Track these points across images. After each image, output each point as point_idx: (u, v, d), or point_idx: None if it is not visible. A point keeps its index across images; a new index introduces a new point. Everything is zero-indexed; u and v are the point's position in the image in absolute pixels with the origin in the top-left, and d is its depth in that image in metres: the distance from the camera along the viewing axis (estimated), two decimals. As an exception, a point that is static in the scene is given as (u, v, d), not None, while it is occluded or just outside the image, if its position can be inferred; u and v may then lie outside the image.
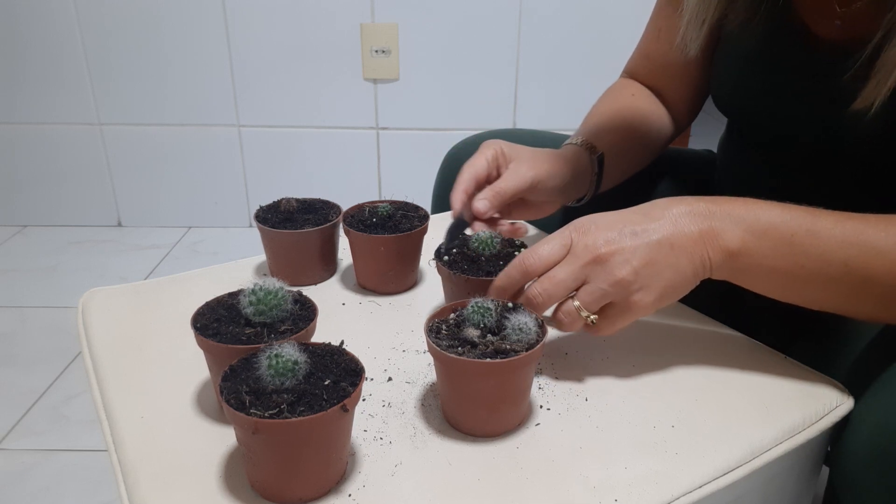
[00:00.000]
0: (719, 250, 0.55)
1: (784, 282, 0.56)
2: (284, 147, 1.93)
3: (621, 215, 0.57)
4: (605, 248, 0.54)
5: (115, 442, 0.53)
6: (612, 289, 0.54)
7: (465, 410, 0.53)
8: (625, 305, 0.55)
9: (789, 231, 0.54)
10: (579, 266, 0.55)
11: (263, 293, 0.53)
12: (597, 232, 0.55)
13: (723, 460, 0.51)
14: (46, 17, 1.79)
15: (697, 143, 1.25)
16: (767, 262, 0.54)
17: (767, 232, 0.54)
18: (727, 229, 0.55)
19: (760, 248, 0.54)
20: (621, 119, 0.81)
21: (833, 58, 0.63)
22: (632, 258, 0.54)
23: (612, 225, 0.56)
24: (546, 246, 0.56)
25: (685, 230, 0.55)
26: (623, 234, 0.55)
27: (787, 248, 0.54)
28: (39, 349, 1.43)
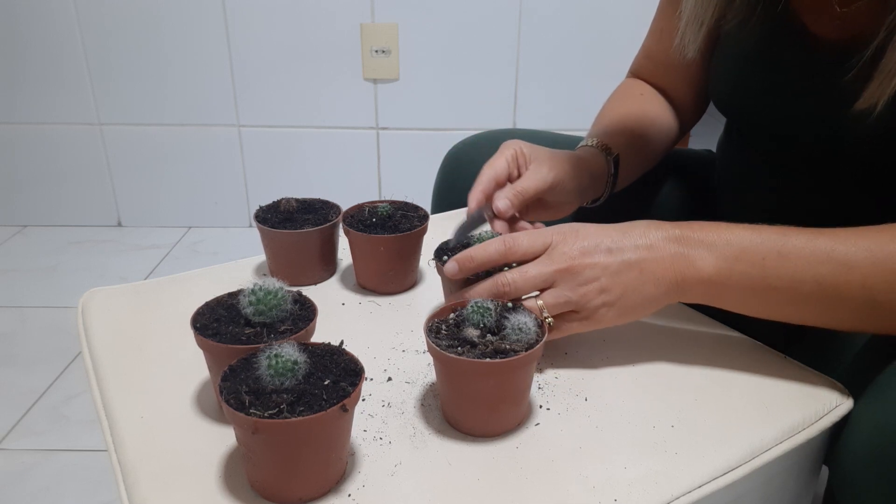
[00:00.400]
0: (692, 277, 0.57)
1: (759, 303, 0.57)
2: (284, 147, 1.93)
3: (603, 229, 0.59)
4: (578, 260, 0.57)
5: (115, 442, 0.53)
6: (577, 299, 0.57)
7: (464, 410, 0.53)
8: (585, 316, 0.58)
9: (760, 255, 0.55)
10: (552, 269, 0.57)
11: (263, 293, 0.53)
12: (575, 241, 0.58)
13: (723, 460, 0.51)
14: (46, 17, 1.79)
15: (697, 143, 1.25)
16: (741, 285, 0.56)
17: (739, 257, 0.56)
18: (700, 256, 0.56)
19: (732, 273, 0.56)
20: (632, 120, 0.82)
21: (833, 57, 0.63)
22: (601, 275, 0.56)
23: (591, 237, 0.58)
24: (528, 239, 0.58)
25: (658, 255, 0.57)
26: (599, 249, 0.57)
27: (759, 272, 0.55)
28: (39, 349, 1.43)
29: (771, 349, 0.64)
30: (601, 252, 0.57)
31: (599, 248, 0.57)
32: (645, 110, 0.84)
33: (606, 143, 0.76)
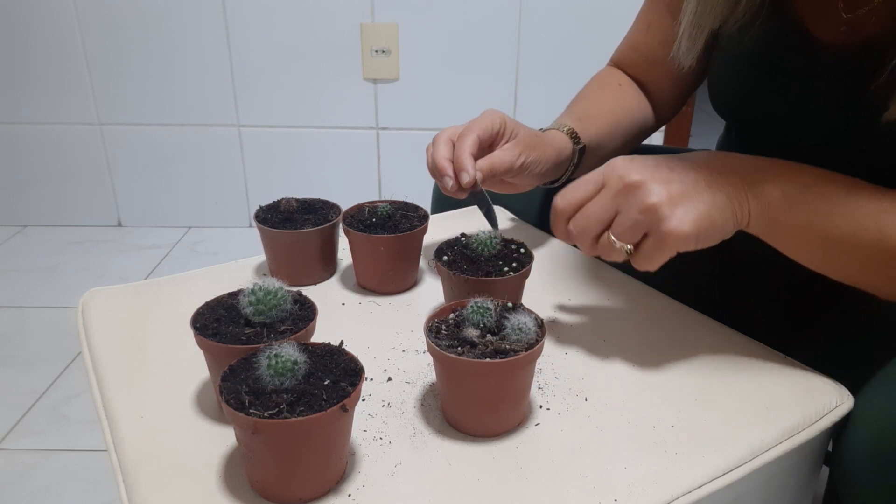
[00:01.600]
0: (758, 198, 0.55)
1: (816, 241, 0.55)
2: (284, 147, 1.93)
3: (659, 156, 0.57)
4: (636, 177, 0.54)
5: (115, 442, 0.53)
6: (643, 216, 0.53)
7: (464, 410, 0.53)
8: (658, 236, 0.53)
9: (829, 190, 0.54)
10: (610, 197, 0.55)
11: (263, 293, 0.53)
12: (631, 164, 0.55)
13: (723, 460, 0.51)
14: (46, 17, 1.79)
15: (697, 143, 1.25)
16: (803, 217, 0.55)
17: (808, 187, 0.54)
18: (767, 179, 0.55)
19: (799, 202, 0.54)
20: (606, 109, 0.82)
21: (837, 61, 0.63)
22: (665, 187, 0.53)
23: (647, 160, 0.56)
24: (576, 188, 0.57)
25: (725, 172, 0.55)
26: (659, 167, 0.55)
27: (826, 207, 0.54)
28: (39, 349, 1.43)
29: (771, 349, 0.64)
30: (662, 169, 0.55)
31: (660, 166, 0.55)
32: (621, 102, 0.84)
33: (577, 131, 0.76)
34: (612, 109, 0.82)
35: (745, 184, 0.55)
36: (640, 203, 0.53)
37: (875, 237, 0.53)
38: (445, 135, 0.68)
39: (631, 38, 0.87)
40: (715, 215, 0.54)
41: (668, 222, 0.53)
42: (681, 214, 0.53)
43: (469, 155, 0.65)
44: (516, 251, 0.67)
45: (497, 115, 0.69)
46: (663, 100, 0.87)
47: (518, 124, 0.71)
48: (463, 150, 0.65)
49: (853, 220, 0.54)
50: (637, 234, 0.54)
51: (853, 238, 0.54)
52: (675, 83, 0.84)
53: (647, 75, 0.86)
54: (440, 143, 0.67)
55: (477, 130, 0.66)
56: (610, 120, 0.81)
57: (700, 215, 0.53)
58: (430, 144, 0.69)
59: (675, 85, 0.85)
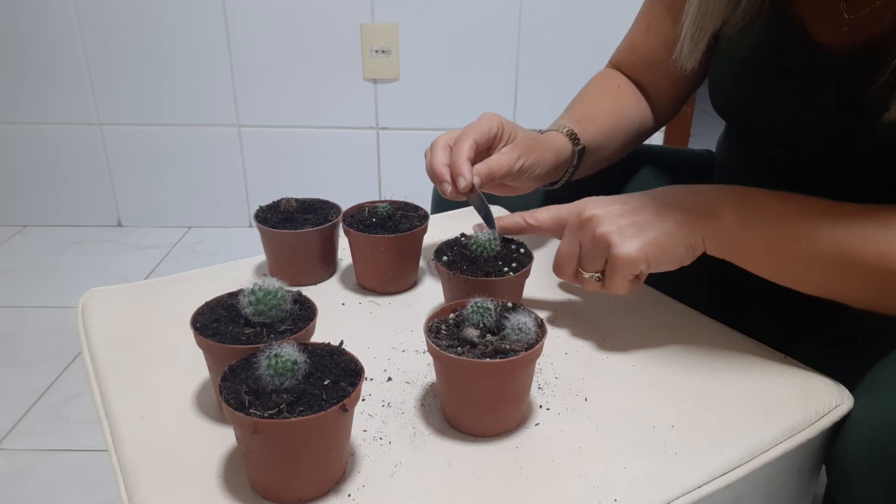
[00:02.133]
0: (711, 222, 0.58)
1: (775, 257, 0.58)
2: (284, 147, 1.93)
3: (622, 195, 0.62)
4: (590, 212, 0.60)
5: (115, 442, 0.53)
6: (597, 247, 0.60)
7: (464, 410, 0.53)
8: (611, 262, 0.59)
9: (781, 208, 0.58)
10: (572, 235, 0.62)
11: (263, 293, 0.53)
12: (589, 202, 0.62)
13: (723, 460, 0.51)
14: (46, 17, 1.79)
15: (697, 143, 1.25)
16: (759, 235, 0.58)
17: (761, 209, 0.58)
18: (722, 204, 0.59)
19: (753, 221, 0.58)
20: (605, 111, 0.82)
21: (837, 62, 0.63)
22: (615, 219, 0.59)
23: (604, 198, 0.62)
24: (545, 213, 0.65)
25: (678, 201, 0.60)
26: (614, 202, 0.61)
27: (780, 223, 0.57)
28: (39, 349, 1.43)
29: (771, 349, 0.64)
30: (616, 203, 0.60)
31: (615, 201, 0.61)
32: (620, 104, 0.84)
33: (576, 132, 0.77)
34: (610, 111, 0.82)
35: (699, 210, 0.59)
36: (593, 234, 0.60)
37: (830, 250, 0.55)
38: (443, 140, 0.68)
39: (630, 40, 0.87)
40: (663, 240, 0.58)
41: (616, 248, 0.58)
42: (628, 241, 0.58)
43: (465, 160, 0.65)
44: (516, 251, 0.67)
45: (494, 119, 0.69)
46: (662, 101, 0.86)
47: (516, 127, 0.71)
48: (459, 156, 0.65)
49: (808, 235, 0.56)
50: (598, 263, 0.61)
51: (810, 253, 0.56)
52: (675, 85, 0.84)
53: (646, 77, 0.86)
54: (438, 149, 0.68)
55: (473, 135, 0.67)
56: (609, 121, 0.81)
57: (647, 241, 0.58)
58: (429, 149, 0.69)
59: (674, 86, 0.85)
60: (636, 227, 0.59)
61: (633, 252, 0.58)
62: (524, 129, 0.72)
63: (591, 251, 0.60)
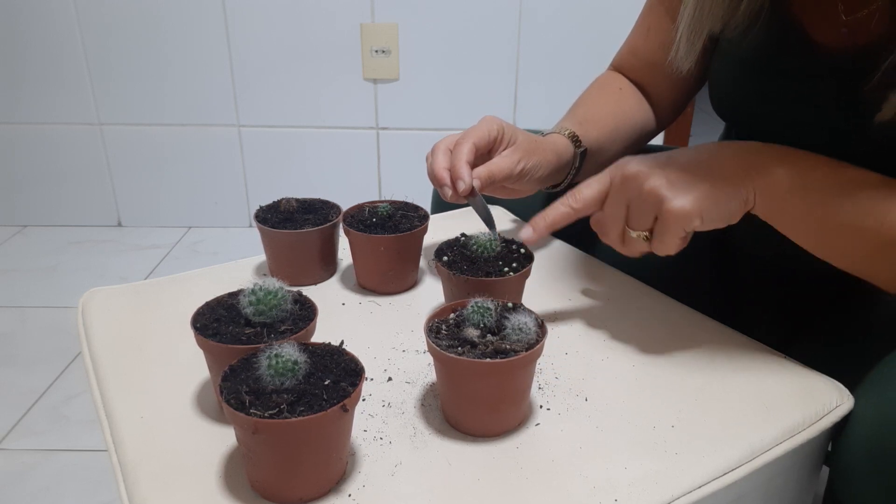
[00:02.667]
0: (762, 179, 0.56)
1: (818, 226, 0.56)
2: (284, 147, 1.93)
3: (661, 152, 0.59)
4: (635, 168, 0.57)
5: (115, 442, 0.53)
6: (647, 201, 0.56)
7: (464, 410, 0.53)
8: (663, 218, 0.56)
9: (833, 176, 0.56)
10: (617, 192, 0.58)
11: (263, 293, 0.53)
12: (632, 159, 0.58)
13: (723, 460, 0.51)
14: (46, 17, 1.79)
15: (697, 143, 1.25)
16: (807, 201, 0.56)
17: (812, 170, 0.56)
18: (772, 162, 0.56)
19: (802, 185, 0.55)
20: (607, 113, 0.82)
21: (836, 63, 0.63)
22: (663, 172, 0.56)
23: (647, 156, 0.58)
24: (588, 189, 0.60)
25: (728, 156, 0.57)
26: (658, 157, 0.57)
27: (829, 192, 0.55)
28: (39, 349, 1.43)
29: (771, 349, 0.64)
30: (661, 158, 0.57)
31: (658, 157, 0.57)
32: (621, 106, 0.84)
33: (578, 134, 0.77)
34: (613, 113, 0.82)
35: (749, 166, 0.56)
36: (641, 189, 0.56)
37: (875, 225, 0.54)
38: (444, 144, 0.69)
39: (631, 43, 0.87)
40: (717, 193, 0.55)
41: (669, 203, 0.55)
42: (681, 194, 0.55)
43: (465, 163, 0.65)
44: (516, 252, 0.67)
45: (494, 122, 0.69)
46: (664, 103, 0.87)
47: (517, 130, 0.71)
48: (459, 159, 0.65)
49: (855, 206, 0.54)
50: (647, 220, 0.57)
51: (855, 225, 0.55)
52: (676, 87, 0.84)
53: (647, 79, 0.86)
54: (438, 153, 0.68)
55: (472, 138, 0.67)
56: (611, 124, 0.81)
57: (701, 194, 0.55)
58: (430, 153, 0.69)
59: (675, 89, 0.85)
60: (687, 179, 0.55)
61: (688, 205, 0.55)
62: (525, 132, 0.72)
63: (640, 207, 0.57)
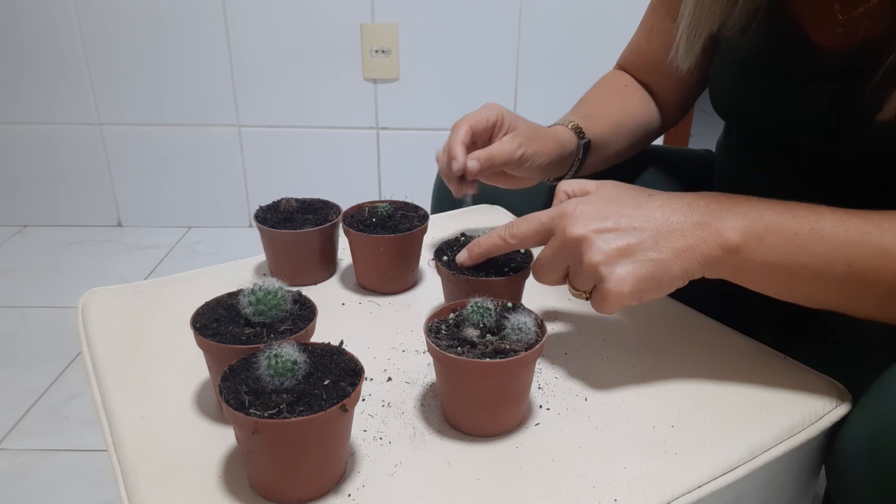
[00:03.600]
0: (717, 246, 0.53)
1: (785, 280, 0.54)
2: (284, 147, 1.93)
3: (611, 199, 0.55)
4: (579, 231, 0.53)
5: (115, 442, 0.53)
6: (586, 274, 0.53)
7: (464, 410, 0.53)
8: (600, 293, 0.54)
9: (792, 230, 0.52)
10: (557, 248, 0.55)
11: (263, 293, 0.53)
12: (578, 213, 0.54)
13: (723, 460, 0.51)
14: (46, 17, 1.79)
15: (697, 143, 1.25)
16: (769, 259, 0.53)
17: (770, 229, 0.53)
18: (727, 225, 0.53)
19: (762, 245, 0.53)
20: (611, 109, 0.82)
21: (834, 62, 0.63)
22: (606, 244, 0.52)
23: (595, 211, 0.54)
24: (524, 226, 0.57)
25: (677, 223, 0.53)
26: (606, 217, 0.54)
27: (790, 247, 0.52)
28: (39, 349, 1.43)
29: (771, 349, 0.64)
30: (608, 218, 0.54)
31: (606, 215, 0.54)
32: (626, 103, 0.84)
33: (582, 127, 0.77)
34: (617, 110, 0.82)
35: (699, 235, 0.53)
36: (581, 260, 0.53)
37: (844, 272, 0.52)
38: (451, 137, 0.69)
39: (634, 43, 0.88)
40: (658, 273, 0.53)
41: (607, 283, 0.52)
42: (620, 275, 0.52)
43: (460, 144, 0.66)
44: (516, 251, 0.67)
45: (494, 109, 0.70)
46: (668, 103, 0.87)
47: (517, 117, 0.72)
48: (454, 140, 0.66)
49: (820, 256, 0.52)
50: (587, 286, 0.55)
51: (823, 274, 0.52)
52: (679, 87, 0.85)
53: (651, 79, 0.86)
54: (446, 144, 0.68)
55: (469, 121, 0.68)
56: (615, 120, 0.81)
57: (640, 276, 0.52)
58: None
59: (679, 89, 0.85)
60: (629, 256, 0.52)
61: (626, 290, 0.52)
62: (526, 121, 0.72)
63: (579, 275, 0.54)
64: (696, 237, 0.53)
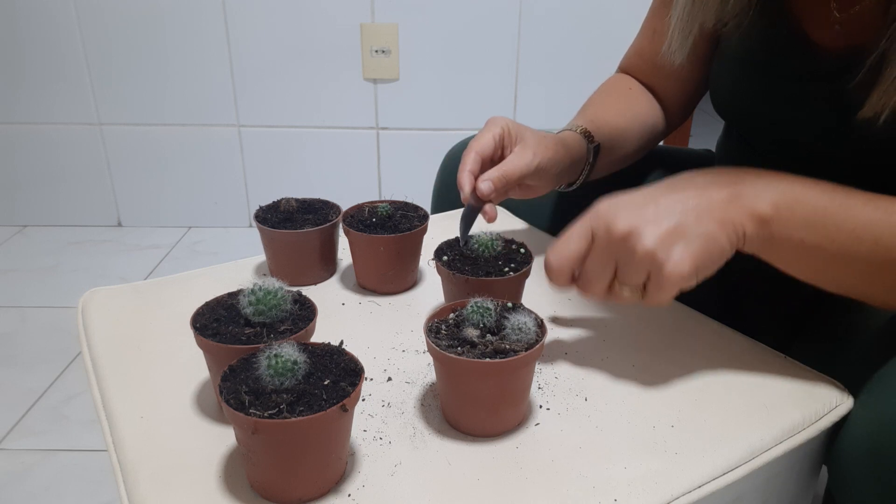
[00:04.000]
0: (750, 217, 0.53)
1: (811, 256, 0.54)
2: (284, 147, 1.93)
3: (641, 192, 0.56)
4: (624, 224, 0.53)
5: (115, 442, 0.53)
6: (641, 264, 0.53)
7: (464, 410, 0.53)
8: (658, 279, 0.53)
9: (822, 203, 0.53)
10: (604, 250, 0.54)
11: (263, 293, 0.53)
12: (616, 210, 0.54)
13: (723, 460, 0.51)
14: (46, 17, 1.79)
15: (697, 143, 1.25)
16: (798, 232, 0.53)
17: (799, 200, 0.53)
18: (757, 195, 0.54)
19: (792, 216, 0.53)
20: (617, 112, 0.82)
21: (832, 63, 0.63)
22: (656, 228, 0.52)
23: (630, 203, 0.55)
24: (567, 244, 0.56)
25: (712, 197, 0.54)
26: (644, 206, 0.54)
27: (819, 220, 0.53)
28: (39, 349, 1.43)
29: (771, 349, 0.64)
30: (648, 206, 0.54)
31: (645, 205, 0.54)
32: (631, 106, 0.84)
33: (590, 131, 0.76)
34: (622, 113, 0.82)
35: (736, 205, 0.54)
36: (635, 251, 0.52)
37: (870, 248, 0.52)
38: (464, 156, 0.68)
39: (637, 46, 0.88)
40: (711, 247, 0.53)
41: (666, 266, 0.52)
42: (678, 255, 0.52)
43: (467, 172, 0.65)
44: (516, 252, 0.67)
45: (497, 125, 0.68)
46: (672, 105, 0.87)
47: (523, 127, 0.70)
48: (461, 171, 0.65)
49: (848, 232, 0.53)
50: (640, 278, 0.54)
51: (849, 251, 0.53)
52: (682, 88, 0.85)
53: (654, 80, 0.86)
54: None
55: (475, 148, 0.66)
56: (622, 122, 0.81)
57: (696, 252, 0.52)
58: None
59: (682, 90, 0.85)
60: (679, 235, 0.52)
61: (686, 268, 0.52)
62: (532, 129, 0.71)
63: (632, 268, 0.53)
64: (731, 209, 0.54)
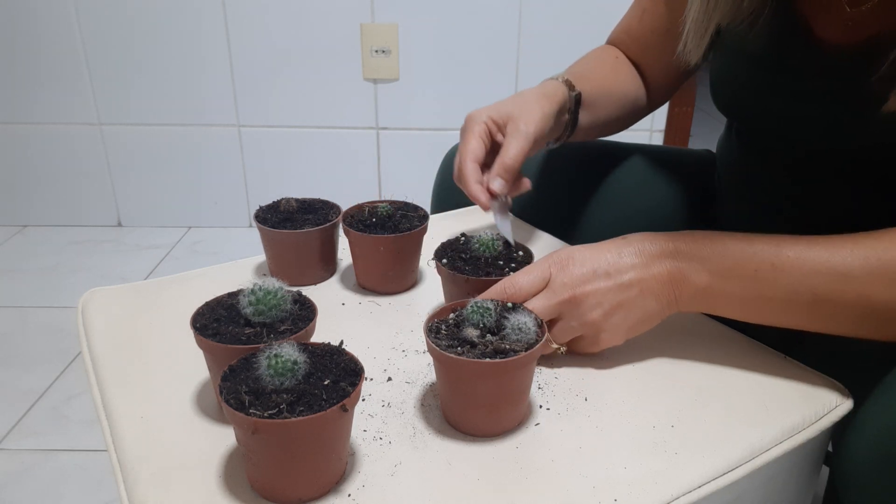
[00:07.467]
0: (688, 289, 0.58)
1: (755, 312, 0.58)
2: (284, 147, 1.93)
3: (597, 252, 0.60)
4: (579, 290, 0.58)
5: (115, 442, 0.53)
6: (583, 329, 0.59)
7: (464, 410, 0.53)
8: (593, 341, 0.60)
9: (753, 266, 0.56)
10: (555, 302, 0.58)
11: (263, 293, 0.53)
12: (573, 269, 0.59)
13: (723, 460, 0.51)
14: (46, 17, 1.79)
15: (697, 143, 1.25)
16: (735, 297, 0.58)
17: (732, 270, 0.57)
18: (694, 270, 0.58)
19: (727, 285, 0.57)
20: (602, 75, 0.83)
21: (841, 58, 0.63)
22: (603, 301, 0.58)
23: (587, 262, 0.59)
24: (526, 277, 0.59)
25: (654, 272, 0.58)
26: (597, 275, 0.58)
27: (753, 284, 0.56)
28: (39, 349, 1.43)
29: (771, 349, 0.64)
30: (599, 277, 0.58)
31: (597, 274, 0.58)
32: (616, 72, 0.85)
33: (571, 81, 0.77)
34: (607, 76, 0.84)
35: (673, 279, 0.58)
36: (581, 317, 0.58)
37: (809, 300, 0.55)
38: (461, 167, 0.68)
39: (625, 23, 0.89)
40: (645, 318, 0.59)
41: (603, 333, 0.59)
42: (616, 328, 0.59)
43: (475, 184, 0.66)
44: (516, 251, 0.67)
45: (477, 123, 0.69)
46: (655, 85, 0.88)
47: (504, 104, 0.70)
48: (468, 185, 0.66)
49: (783, 287, 0.55)
50: (578, 334, 0.60)
51: (788, 303, 0.56)
52: (666, 71, 0.86)
53: (639, 59, 0.88)
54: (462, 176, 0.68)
55: (468, 157, 0.67)
56: (606, 84, 0.82)
57: (632, 324, 0.59)
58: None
59: (665, 72, 0.86)
60: (623, 309, 0.58)
61: (620, 338, 0.60)
62: (514, 98, 0.71)
63: (574, 330, 0.59)
64: (670, 283, 0.59)
